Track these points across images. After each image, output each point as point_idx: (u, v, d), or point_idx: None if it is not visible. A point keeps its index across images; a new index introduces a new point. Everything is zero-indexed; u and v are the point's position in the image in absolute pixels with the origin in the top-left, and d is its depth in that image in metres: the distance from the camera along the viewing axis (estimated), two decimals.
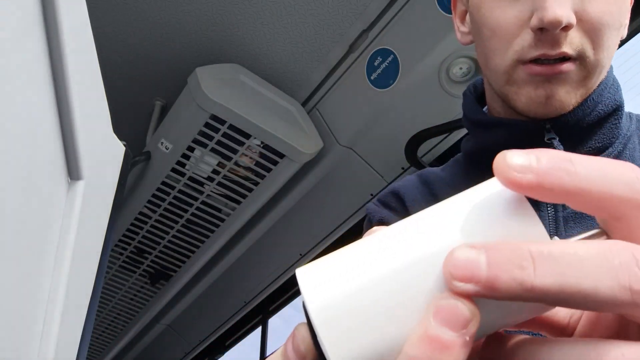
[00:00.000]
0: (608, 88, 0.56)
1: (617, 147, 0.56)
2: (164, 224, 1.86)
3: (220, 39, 1.64)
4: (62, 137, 0.64)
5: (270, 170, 1.65)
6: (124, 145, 0.84)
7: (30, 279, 0.59)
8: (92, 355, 2.54)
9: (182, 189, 1.73)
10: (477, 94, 0.65)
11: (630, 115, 0.60)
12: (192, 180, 1.71)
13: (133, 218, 1.84)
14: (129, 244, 1.94)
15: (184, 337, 2.54)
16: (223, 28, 1.61)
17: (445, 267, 0.19)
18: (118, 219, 0.86)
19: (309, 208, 1.90)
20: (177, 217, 1.82)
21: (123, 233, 1.90)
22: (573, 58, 0.51)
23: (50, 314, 0.64)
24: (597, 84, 0.54)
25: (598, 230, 0.21)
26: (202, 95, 1.47)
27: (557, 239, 0.21)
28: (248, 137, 1.56)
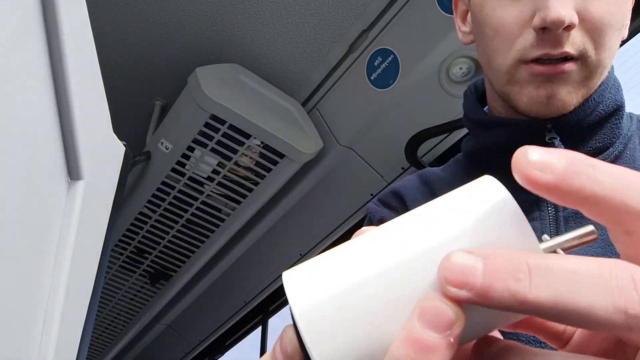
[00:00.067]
0: (609, 88, 0.55)
1: (617, 147, 0.56)
2: (164, 224, 1.86)
3: (220, 39, 1.64)
4: (62, 137, 0.64)
5: (270, 170, 1.65)
6: (124, 145, 0.84)
7: (30, 279, 0.59)
8: (92, 355, 2.54)
9: (182, 189, 1.73)
10: (477, 94, 0.65)
11: (631, 116, 0.60)
12: (192, 180, 1.71)
13: (133, 218, 1.84)
14: (129, 244, 1.94)
15: (184, 337, 2.54)
16: (223, 28, 1.61)
17: (441, 270, 0.19)
18: (118, 219, 0.86)
19: (309, 208, 1.90)
20: (177, 217, 1.82)
21: (123, 233, 1.90)
22: (575, 58, 0.51)
23: (50, 314, 0.64)
24: (598, 84, 0.54)
25: (590, 229, 0.21)
26: (202, 95, 1.47)
27: (547, 238, 0.21)
28: (248, 137, 1.56)
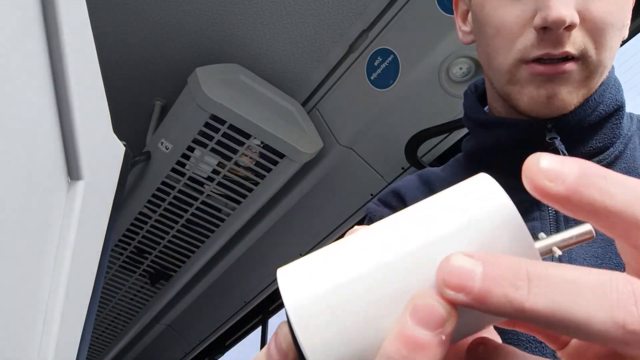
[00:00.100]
0: (609, 88, 0.55)
1: (618, 147, 0.56)
2: (164, 224, 1.86)
3: (220, 39, 1.64)
4: (62, 137, 0.64)
5: (270, 170, 1.65)
6: (124, 145, 0.84)
7: (30, 279, 0.59)
8: (92, 355, 2.54)
9: (182, 189, 1.73)
10: (478, 94, 0.65)
11: (631, 116, 0.60)
12: (192, 180, 1.71)
13: (133, 218, 1.84)
14: (129, 244, 1.94)
15: (184, 337, 2.54)
16: (223, 28, 1.61)
17: (440, 272, 0.18)
18: (118, 219, 0.86)
19: (309, 208, 1.90)
20: (177, 217, 1.82)
21: (123, 233, 1.90)
22: (575, 58, 0.51)
23: (50, 314, 0.64)
24: (598, 84, 0.54)
25: (588, 228, 0.21)
26: (202, 95, 1.47)
27: (544, 236, 0.21)
28: (248, 137, 1.56)
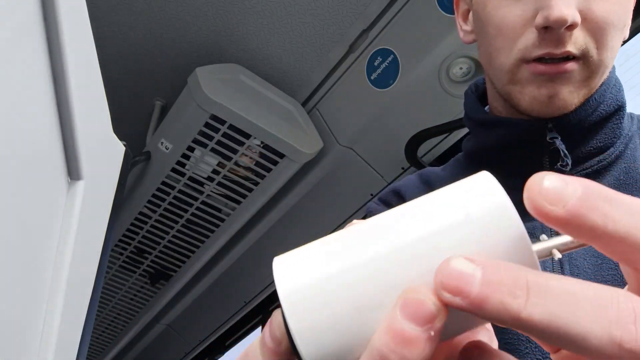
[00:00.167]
0: (610, 88, 0.55)
1: (618, 147, 0.56)
2: (164, 224, 1.86)
3: (220, 39, 1.64)
4: (62, 137, 0.64)
5: (270, 170, 1.65)
6: (124, 145, 0.84)
7: (30, 279, 0.59)
8: (92, 355, 2.53)
9: (182, 189, 1.73)
10: (478, 94, 0.65)
11: (632, 116, 0.60)
12: (192, 180, 1.71)
13: (133, 218, 1.83)
14: (129, 244, 1.94)
15: (184, 337, 2.54)
16: (223, 28, 1.61)
17: (439, 273, 0.18)
18: (118, 219, 0.86)
19: (309, 208, 1.90)
20: (177, 217, 1.82)
21: (123, 233, 1.89)
22: (577, 57, 0.51)
23: (50, 314, 0.64)
24: (599, 84, 0.54)
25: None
26: (202, 95, 1.47)
27: (545, 238, 0.21)
28: (248, 137, 1.56)
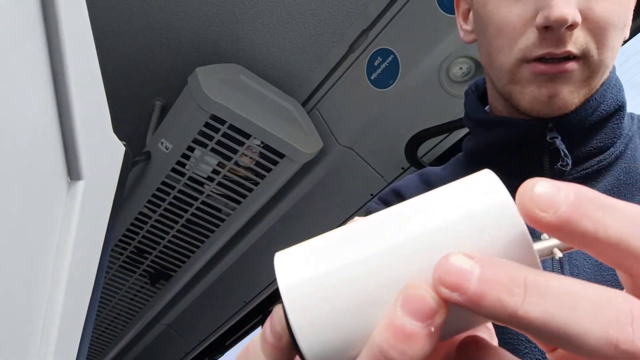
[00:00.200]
0: (611, 88, 0.55)
1: (618, 147, 0.56)
2: (164, 224, 1.86)
3: (220, 39, 1.64)
4: (62, 137, 0.64)
5: (270, 170, 1.65)
6: (124, 145, 0.84)
7: (30, 279, 0.59)
8: (92, 355, 2.53)
9: (182, 189, 1.73)
10: (478, 93, 0.65)
11: (632, 116, 0.60)
12: (192, 180, 1.71)
13: (133, 218, 1.83)
14: (129, 244, 1.94)
15: (184, 337, 2.54)
16: (223, 28, 1.61)
17: (437, 268, 0.18)
18: (118, 219, 0.86)
19: (309, 208, 1.90)
20: (177, 217, 1.82)
21: (123, 233, 1.89)
22: (577, 57, 0.51)
23: (50, 314, 0.64)
24: (600, 84, 0.54)
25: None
26: (202, 95, 1.47)
27: (546, 237, 0.21)
28: (248, 137, 1.56)
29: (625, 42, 0.57)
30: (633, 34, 1.30)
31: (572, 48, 0.50)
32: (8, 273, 0.53)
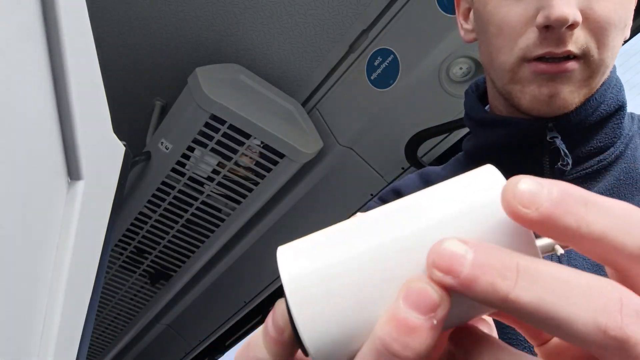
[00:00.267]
0: (611, 88, 0.55)
1: (618, 147, 0.56)
2: (164, 224, 1.86)
3: (220, 39, 1.64)
4: (62, 137, 0.64)
5: (270, 170, 1.65)
6: (124, 145, 0.84)
7: (30, 279, 0.59)
8: (92, 355, 2.53)
9: (182, 189, 1.73)
10: (479, 93, 0.65)
11: (632, 116, 0.60)
12: (192, 180, 1.71)
13: (133, 218, 1.83)
14: (129, 244, 1.94)
15: (184, 337, 2.54)
16: (223, 28, 1.61)
17: (431, 253, 0.19)
18: (118, 219, 0.86)
19: (309, 208, 1.90)
20: (177, 217, 1.82)
21: (123, 233, 1.89)
22: (578, 57, 0.51)
23: (50, 314, 0.63)
24: (600, 84, 0.54)
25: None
26: (202, 95, 1.47)
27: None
28: (248, 137, 1.56)
29: (626, 42, 0.57)
30: (633, 34, 1.30)
31: (572, 48, 0.50)
32: (8, 273, 0.53)
